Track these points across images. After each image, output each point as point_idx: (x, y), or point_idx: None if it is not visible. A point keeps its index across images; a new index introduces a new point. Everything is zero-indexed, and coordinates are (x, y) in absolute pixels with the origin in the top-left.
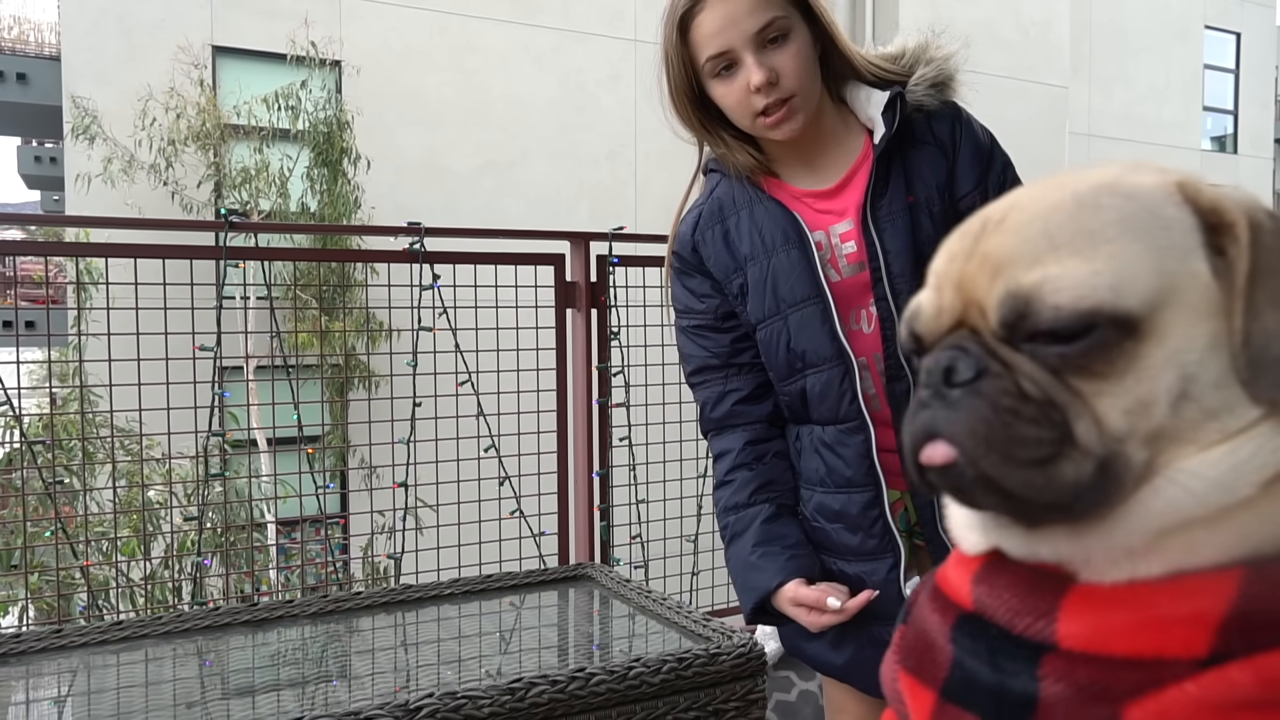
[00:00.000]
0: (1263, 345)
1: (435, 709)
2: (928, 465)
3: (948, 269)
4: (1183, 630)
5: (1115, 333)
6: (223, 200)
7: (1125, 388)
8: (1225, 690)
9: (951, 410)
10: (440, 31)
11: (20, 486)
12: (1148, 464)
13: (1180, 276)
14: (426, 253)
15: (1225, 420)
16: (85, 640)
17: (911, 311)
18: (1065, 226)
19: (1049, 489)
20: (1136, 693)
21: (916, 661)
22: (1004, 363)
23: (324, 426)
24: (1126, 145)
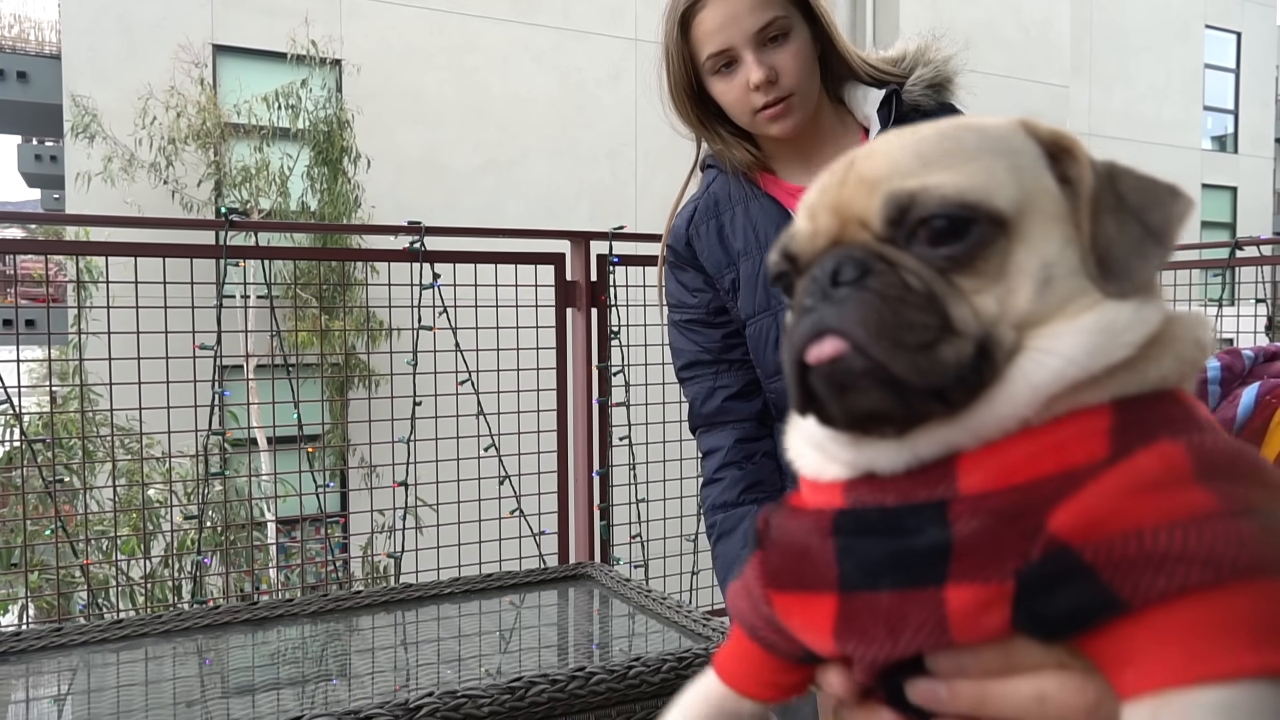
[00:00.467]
0: (1105, 247)
1: (435, 708)
2: (816, 363)
3: (820, 198)
4: (1080, 443)
5: (991, 230)
6: (223, 199)
7: (997, 280)
8: (1138, 475)
9: (839, 306)
10: (440, 30)
11: (20, 485)
12: (1016, 343)
13: (1036, 189)
14: (426, 252)
15: (1083, 300)
16: (85, 639)
17: (787, 236)
18: (934, 149)
19: (934, 372)
20: (1056, 499)
21: (793, 575)
22: (889, 261)
23: (324, 425)
24: (1127, 144)
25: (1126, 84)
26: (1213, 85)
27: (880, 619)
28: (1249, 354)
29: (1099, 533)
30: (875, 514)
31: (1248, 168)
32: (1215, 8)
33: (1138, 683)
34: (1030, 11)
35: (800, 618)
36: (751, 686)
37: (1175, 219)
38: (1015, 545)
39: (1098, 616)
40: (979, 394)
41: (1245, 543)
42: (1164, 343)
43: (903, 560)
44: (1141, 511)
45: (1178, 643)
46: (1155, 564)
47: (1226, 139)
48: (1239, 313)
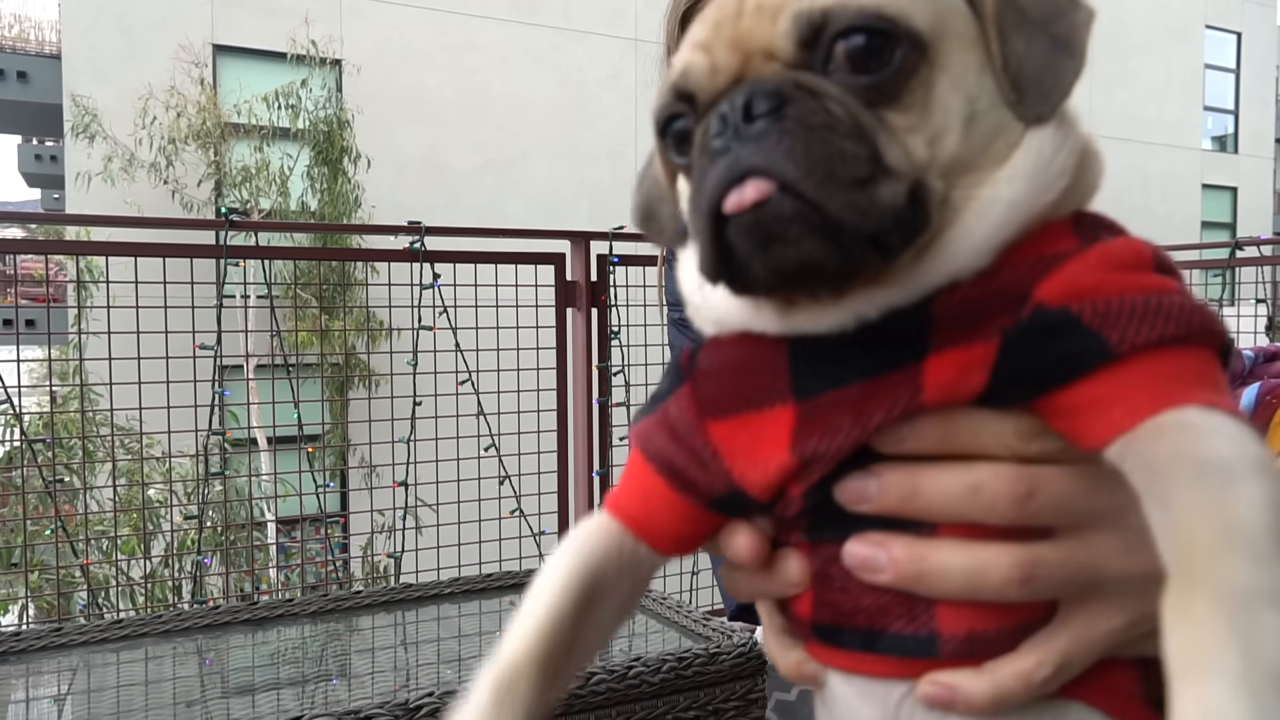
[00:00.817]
0: (1017, 67)
1: (435, 708)
2: (736, 210)
3: (714, 34)
4: (1050, 239)
5: (913, 54)
6: (223, 199)
7: (924, 117)
8: (1113, 255)
9: (758, 142)
10: (440, 30)
11: (20, 485)
12: (945, 192)
13: (945, 9)
14: (427, 252)
15: (1007, 137)
16: (85, 639)
17: (679, 73)
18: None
19: (872, 212)
20: (1041, 273)
21: (737, 396)
22: (808, 88)
23: (324, 425)
24: (1127, 144)
25: (1126, 84)
26: (1213, 85)
27: (847, 409)
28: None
29: (1084, 296)
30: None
31: (1248, 168)
32: (1215, 8)
33: (1129, 416)
34: None
35: (747, 440)
36: (653, 532)
37: (1080, 26)
38: (1001, 310)
39: (1088, 362)
40: (914, 244)
41: (1202, 313)
42: (1088, 160)
43: (874, 348)
44: (1120, 282)
45: (1164, 383)
46: (1138, 317)
47: (1227, 139)
48: (1239, 313)
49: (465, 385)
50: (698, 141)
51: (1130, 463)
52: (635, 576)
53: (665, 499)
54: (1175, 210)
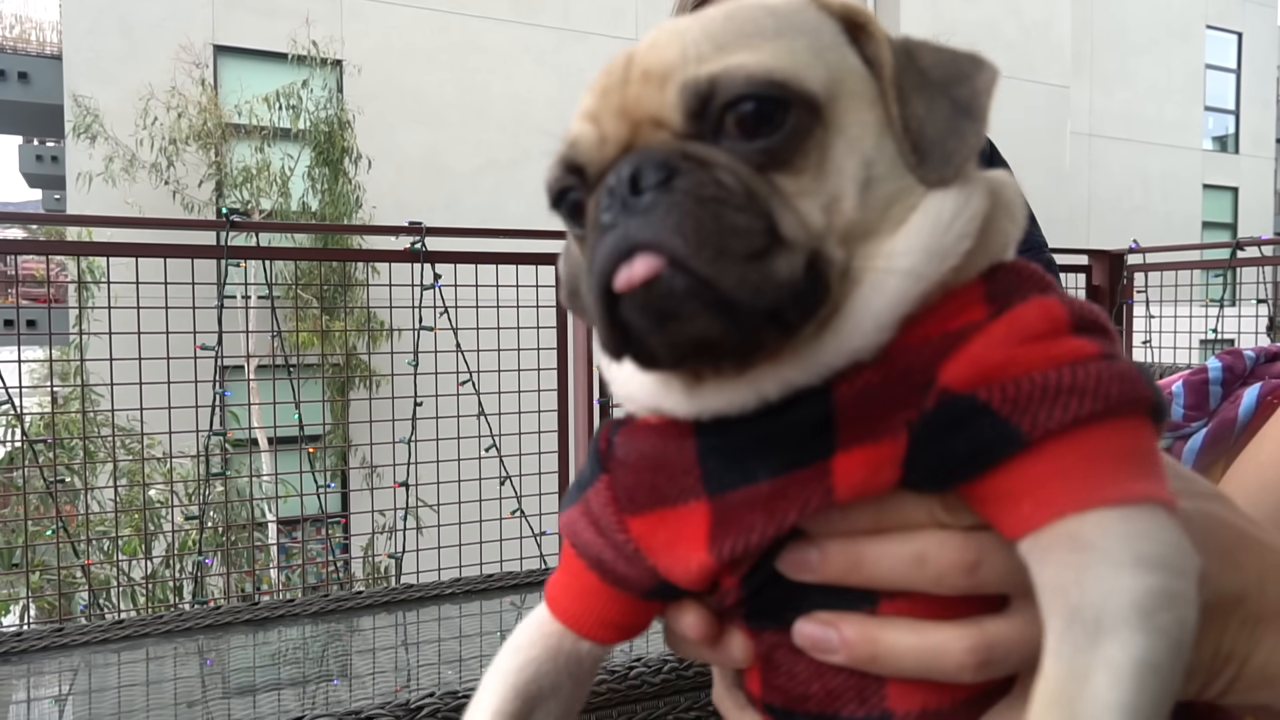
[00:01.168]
0: (918, 130)
1: (436, 708)
2: (627, 289)
3: (602, 103)
4: (960, 313)
5: (806, 118)
6: (224, 199)
7: (819, 181)
8: (1022, 325)
9: (646, 216)
10: (441, 31)
11: (22, 485)
12: (846, 261)
13: (841, 69)
14: (428, 252)
15: (906, 201)
16: (86, 639)
17: (567, 145)
18: (725, 31)
19: (767, 287)
20: (946, 353)
21: (650, 492)
22: (697, 158)
23: (325, 426)
24: (1127, 144)
25: (1127, 84)
26: (1214, 85)
27: (760, 508)
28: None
29: (992, 377)
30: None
31: (1249, 168)
32: (1216, 8)
33: (1038, 512)
34: (1031, 12)
35: (665, 536)
36: (592, 626)
37: (983, 90)
38: (905, 400)
39: (998, 453)
40: (814, 317)
41: (1124, 379)
42: (994, 212)
43: (779, 442)
44: (1030, 356)
45: (1076, 472)
46: (1050, 398)
47: (1227, 139)
48: (1240, 313)
49: (466, 386)
50: (590, 215)
51: (1031, 572)
52: (577, 673)
53: (601, 593)
54: (1176, 210)
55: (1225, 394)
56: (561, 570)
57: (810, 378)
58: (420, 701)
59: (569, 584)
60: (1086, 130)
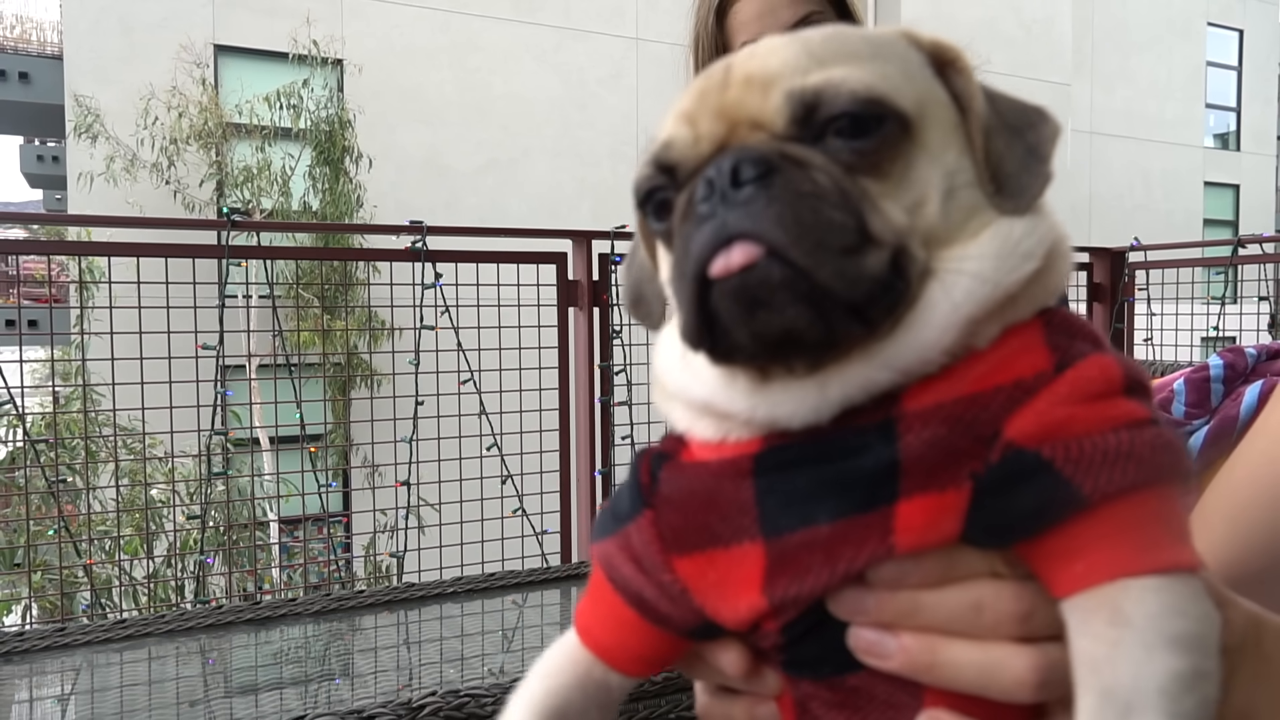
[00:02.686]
0: (998, 162)
1: (438, 707)
2: (724, 275)
3: (699, 103)
4: (1023, 358)
5: (898, 131)
6: (225, 199)
7: (904, 187)
8: (1085, 384)
9: (747, 207)
10: (442, 30)
11: (24, 485)
12: (927, 262)
13: (928, 94)
14: (428, 251)
15: (982, 217)
16: (88, 639)
17: (661, 145)
18: (825, 48)
19: (860, 280)
20: (1010, 407)
21: (702, 532)
22: (795, 158)
23: (326, 425)
24: (1129, 142)
25: (1128, 82)
26: (1215, 83)
27: (818, 551)
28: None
29: (1055, 435)
30: (806, 445)
31: (1250, 165)
32: (1217, 5)
33: (1089, 574)
34: (1032, 10)
35: (715, 578)
36: (623, 659)
37: (1049, 139)
38: (970, 451)
39: (1060, 512)
40: (895, 316)
41: (1171, 450)
42: (1056, 254)
43: (842, 485)
44: (1092, 418)
45: (1126, 536)
46: (1111, 462)
47: (1229, 136)
48: (1241, 310)
49: (467, 385)
50: (680, 208)
51: (1069, 632)
52: (605, 703)
53: (637, 628)
54: (1177, 208)
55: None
56: (592, 599)
57: (878, 376)
58: (422, 700)
59: (601, 614)
60: (1087, 128)
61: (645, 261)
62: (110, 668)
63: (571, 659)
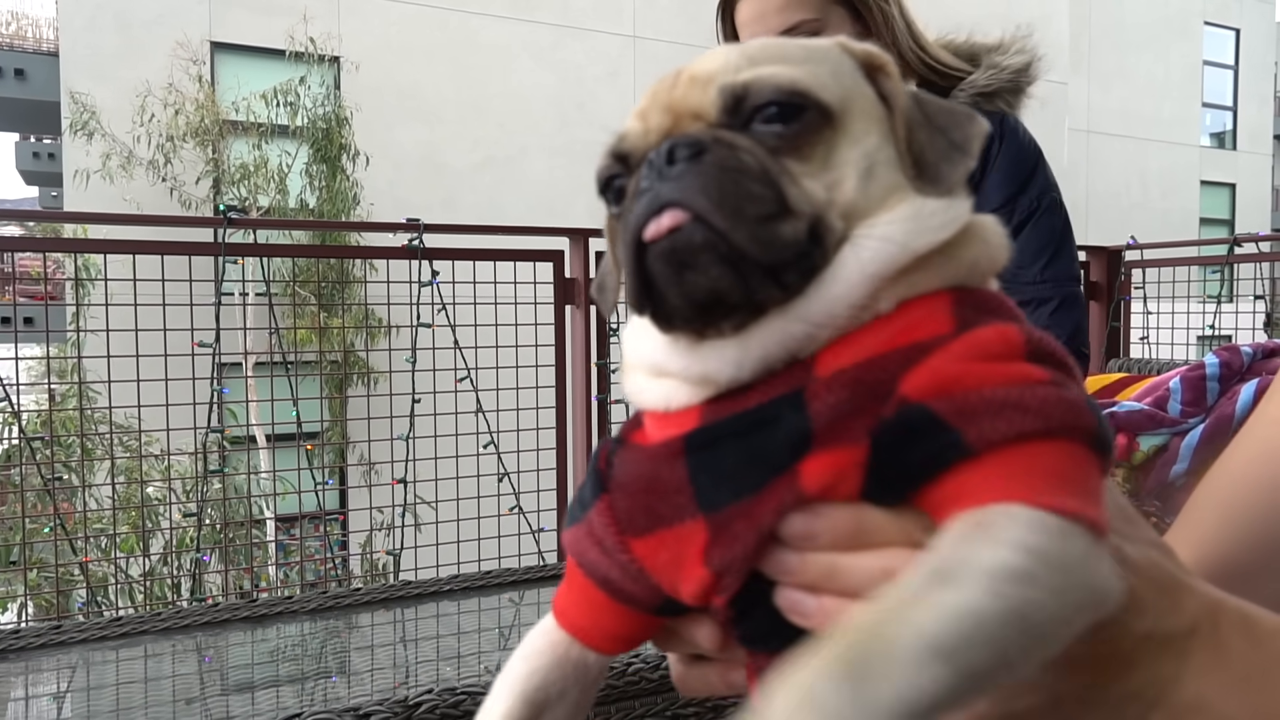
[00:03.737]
0: (919, 151)
1: (434, 705)
2: (654, 238)
3: (651, 102)
4: (926, 323)
5: (819, 120)
6: (221, 196)
7: (825, 168)
8: (980, 345)
9: (678, 180)
10: (439, 27)
11: (19, 483)
12: (844, 232)
13: (854, 91)
14: (425, 249)
15: (899, 194)
16: (84, 636)
17: (617, 138)
18: (762, 53)
19: (774, 244)
20: (907, 366)
21: (648, 514)
22: (724, 141)
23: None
24: (1125, 141)
25: (1125, 81)
26: (1211, 82)
27: (744, 518)
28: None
29: (946, 390)
30: (730, 421)
31: (1246, 164)
32: (1214, 4)
33: (969, 502)
34: (1028, 9)
35: (667, 556)
36: (598, 638)
37: (974, 137)
38: (870, 410)
39: (945, 461)
40: (811, 279)
41: (1069, 405)
42: (972, 234)
43: (762, 456)
44: (984, 374)
45: (1011, 479)
46: (995, 411)
47: (1225, 135)
48: (1237, 309)
49: (464, 383)
50: (630, 190)
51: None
52: (583, 680)
53: (608, 608)
54: (1174, 206)
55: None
56: (567, 584)
57: (792, 329)
58: (419, 698)
59: (575, 598)
60: (1084, 127)
61: (610, 255)
62: (106, 665)
63: (550, 640)
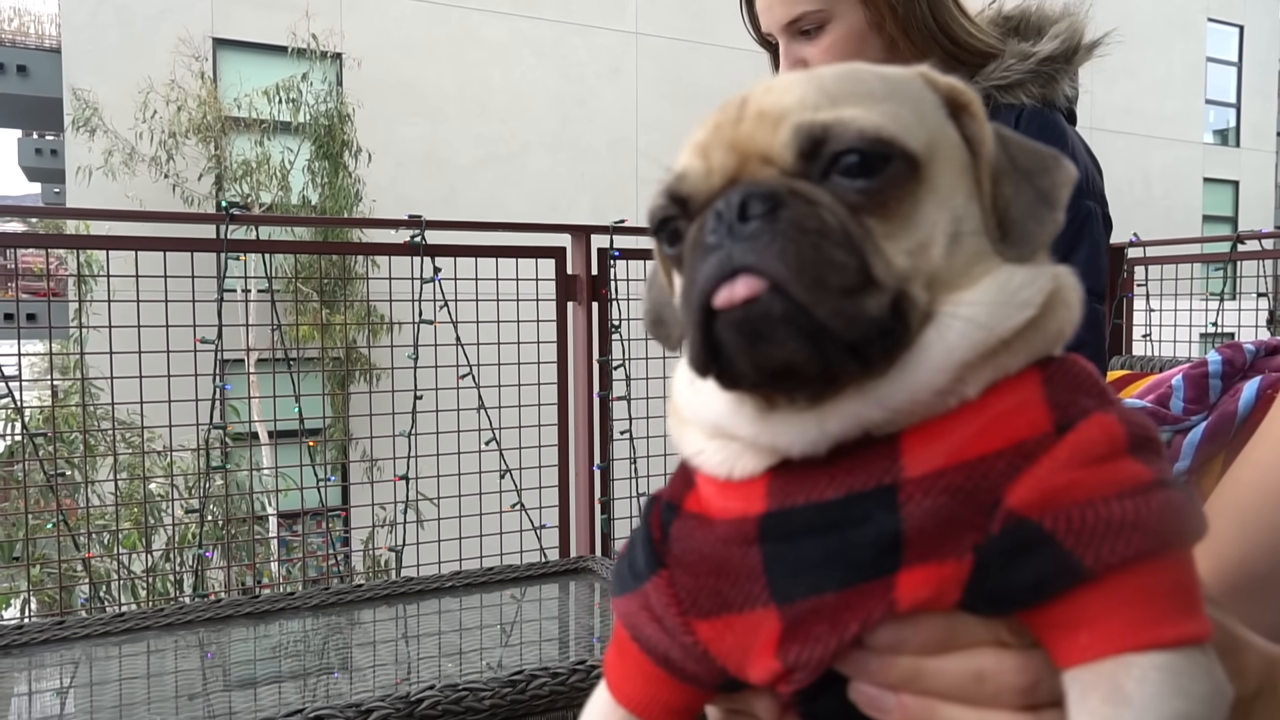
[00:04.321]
0: (1004, 209)
1: (436, 700)
2: (727, 306)
3: (713, 136)
4: (1022, 414)
5: (905, 169)
6: (224, 193)
7: (909, 230)
8: (1086, 447)
9: (752, 241)
10: (441, 24)
11: (22, 479)
12: (928, 305)
13: (940, 136)
14: (427, 246)
15: (984, 264)
16: (87, 632)
17: (675, 177)
18: (839, 87)
19: (857, 321)
20: (1011, 474)
21: (714, 597)
22: (802, 195)
23: (325, 419)
24: (1128, 138)
25: (1128, 77)
26: (1215, 79)
27: (825, 618)
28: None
29: (1057, 504)
30: (809, 511)
31: (1249, 161)
32: (1218, 1)
33: (1092, 647)
34: None
35: (735, 642)
36: (657, 713)
37: (1061, 185)
38: (972, 521)
39: (1062, 584)
40: (894, 357)
41: (1177, 511)
42: (1056, 299)
43: (847, 555)
44: (1094, 482)
45: (1131, 608)
46: (1114, 531)
47: (1228, 133)
48: (1240, 306)
49: (466, 379)
50: (690, 237)
51: (1068, 703)
52: None
53: (665, 683)
54: (1177, 204)
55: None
56: (619, 653)
57: (871, 414)
58: (420, 694)
59: (630, 671)
60: (1087, 124)
61: (664, 284)
62: (109, 661)
63: (606, 715)
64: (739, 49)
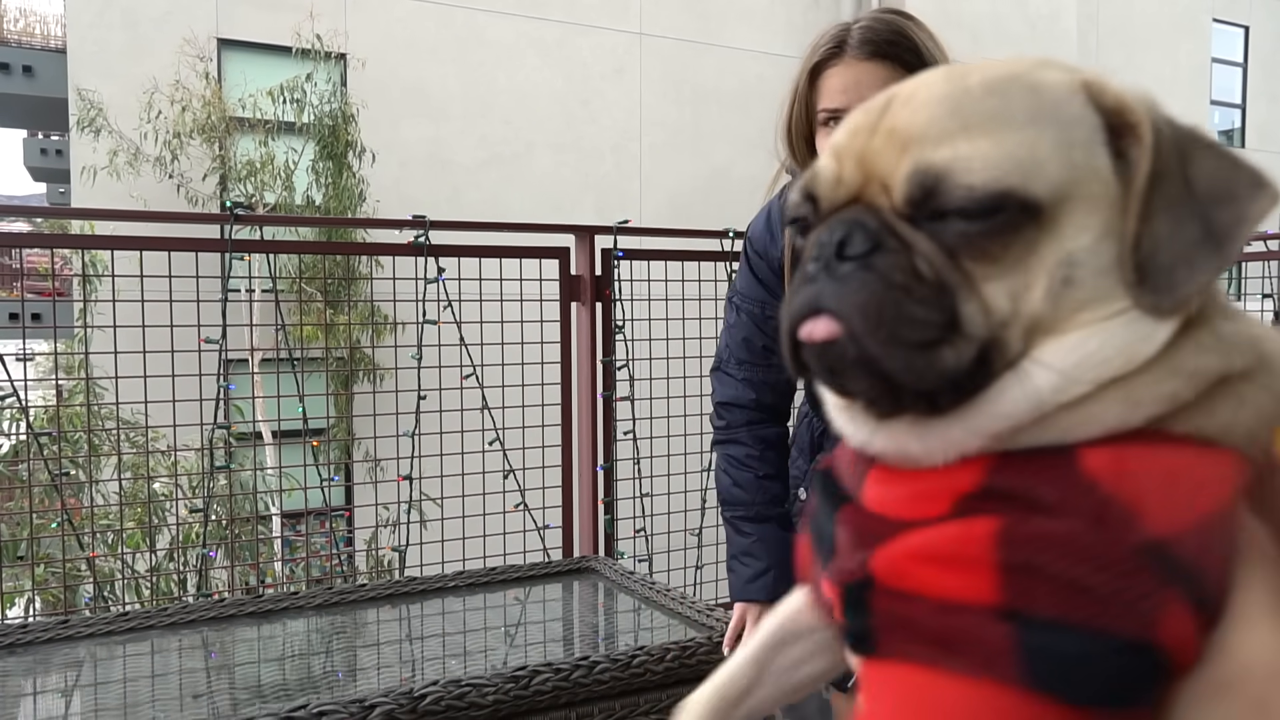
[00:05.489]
0: (1151, 251)
1: (439, 696)
2: (807, 341)
3: (850, 142)
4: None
5: (1020, 217)
6: (228, 193)
7: (1016, 272)
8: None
9: (840, 285)
10: (446, 24)
11: (27, 478)
12: (1021, 352)
13: (1083, 170)
14: (431, 246)
15: (1096, 310)
16: (91, 631)
17: (810, 175)
18: (976, 109)
19: (928, 374)
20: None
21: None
22: (901, 240)
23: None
24: None
25: (1133, 78)
26: (1220, 80)
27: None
28: None
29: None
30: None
31: (1255, 162)
32: (1223, 1)
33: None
34: (1037, 5)
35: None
36: None
37: (1247, 219)
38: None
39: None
40: (969, 400)
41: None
42: (1233, 384)
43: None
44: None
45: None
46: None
47: (1234, 134)
48: (1245, 308)
49: (470, 379)
50: (808, 246)
51: None
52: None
53: None
54: None
55: None
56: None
57: (914, 449)
58: (424, 689)
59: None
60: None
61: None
62: (113, 660)
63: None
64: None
